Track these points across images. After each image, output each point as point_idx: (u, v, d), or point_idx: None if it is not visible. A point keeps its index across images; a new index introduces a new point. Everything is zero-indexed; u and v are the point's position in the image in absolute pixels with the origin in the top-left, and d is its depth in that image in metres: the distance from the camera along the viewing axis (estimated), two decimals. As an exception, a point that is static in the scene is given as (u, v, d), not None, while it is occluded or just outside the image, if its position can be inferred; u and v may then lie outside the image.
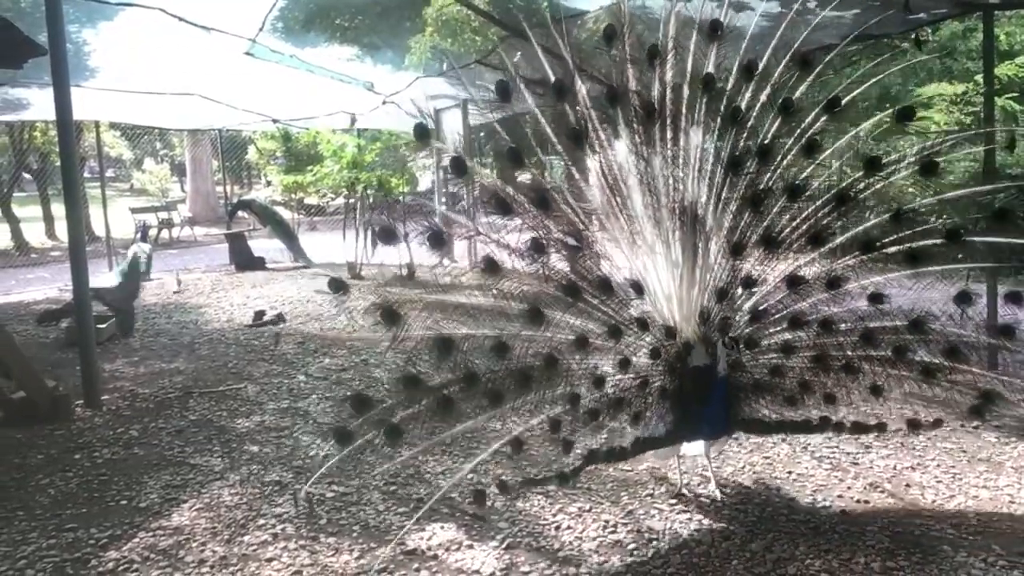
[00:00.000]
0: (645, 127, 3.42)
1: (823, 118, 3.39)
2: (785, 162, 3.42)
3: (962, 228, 3.29)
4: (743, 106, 3.42)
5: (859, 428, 3.62)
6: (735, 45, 3.53)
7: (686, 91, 3.47)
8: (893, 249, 3.32)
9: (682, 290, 3.43)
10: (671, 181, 3.41)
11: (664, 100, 3.43)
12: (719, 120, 3.42)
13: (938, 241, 3.26)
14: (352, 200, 13.06)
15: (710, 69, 3.43)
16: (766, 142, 3.39)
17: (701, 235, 3.40)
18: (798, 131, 3.40)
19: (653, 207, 3.42)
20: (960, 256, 3.38)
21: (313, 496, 4.03)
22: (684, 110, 3.46)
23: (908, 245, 3.31)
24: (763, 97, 3.41)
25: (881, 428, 3.66)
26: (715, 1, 3.66)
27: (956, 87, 12.81)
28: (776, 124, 3.42)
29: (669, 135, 3.43)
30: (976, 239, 3.34)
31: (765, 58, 3.45)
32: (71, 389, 5.75)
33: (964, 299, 3.28)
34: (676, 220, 3.39)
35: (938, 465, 4.21)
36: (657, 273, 3.45)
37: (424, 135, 3.39)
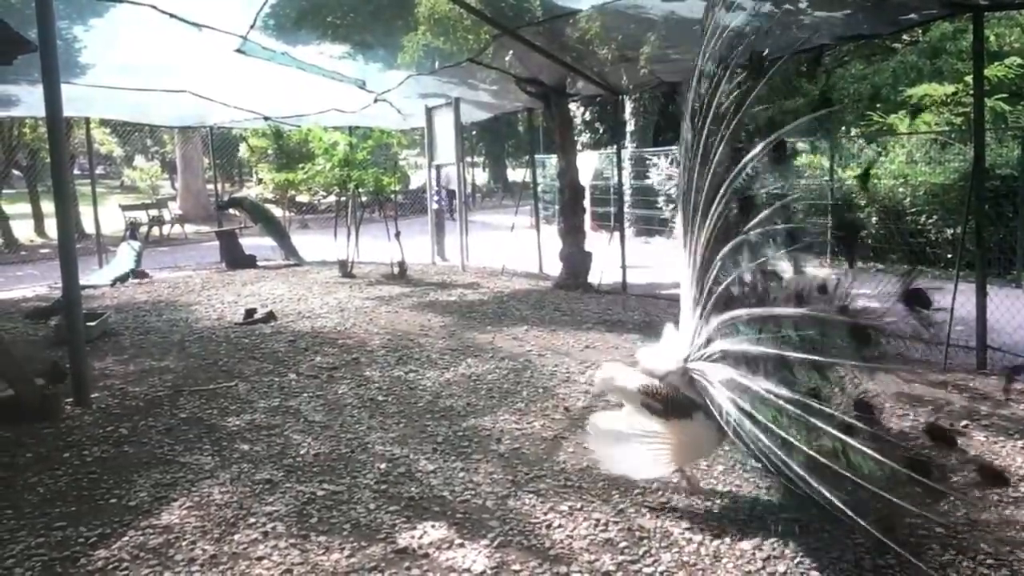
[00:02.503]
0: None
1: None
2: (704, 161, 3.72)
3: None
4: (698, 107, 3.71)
5: None
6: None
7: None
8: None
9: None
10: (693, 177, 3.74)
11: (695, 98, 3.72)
12: (692, 120, 3.71)
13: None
14: (344, 198, 13.03)
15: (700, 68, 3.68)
16: (700, 143, 3.68)
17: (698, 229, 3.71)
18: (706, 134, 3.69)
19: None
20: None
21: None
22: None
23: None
24: (704, 102, 3.66)
25: None
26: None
27: (947, 88, 12.90)
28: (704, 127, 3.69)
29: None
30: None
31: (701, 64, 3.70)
32: (60, 387, 5.72)
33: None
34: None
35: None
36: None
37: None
